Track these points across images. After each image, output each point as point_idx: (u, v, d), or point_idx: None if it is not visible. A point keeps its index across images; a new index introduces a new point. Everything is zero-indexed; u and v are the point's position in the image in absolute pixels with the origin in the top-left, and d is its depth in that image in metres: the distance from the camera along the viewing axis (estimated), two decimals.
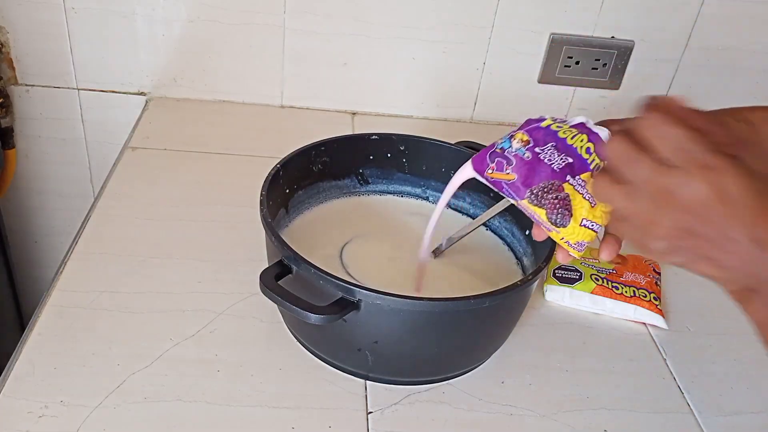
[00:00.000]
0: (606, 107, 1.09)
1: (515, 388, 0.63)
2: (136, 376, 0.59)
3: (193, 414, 0.56)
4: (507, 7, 0.99)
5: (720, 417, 0.63)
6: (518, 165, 0.52)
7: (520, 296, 0.62)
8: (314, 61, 1.02)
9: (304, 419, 0.57)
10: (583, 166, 0.50)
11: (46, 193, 1.13)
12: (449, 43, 1.02)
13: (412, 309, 0.55)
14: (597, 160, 0.50)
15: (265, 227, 0.60)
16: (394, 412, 0.59)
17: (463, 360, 0.63)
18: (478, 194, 0.77)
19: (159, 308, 0.66)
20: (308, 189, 0.75)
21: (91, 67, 1.00)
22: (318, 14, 0.98)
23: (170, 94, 1.04)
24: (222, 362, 0.61)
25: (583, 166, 0.50)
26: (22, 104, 1.03)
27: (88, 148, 1.08)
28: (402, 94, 1.06)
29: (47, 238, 1.18)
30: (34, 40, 0.98)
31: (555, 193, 0.51)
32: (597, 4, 1.00)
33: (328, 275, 0.54)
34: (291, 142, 0.73)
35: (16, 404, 0.55)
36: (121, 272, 0.70)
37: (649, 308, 0.72)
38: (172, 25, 0.98)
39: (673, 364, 0.69)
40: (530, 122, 0.53)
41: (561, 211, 0.50)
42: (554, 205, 0.51)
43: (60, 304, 0.65)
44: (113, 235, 0.75)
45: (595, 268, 0.75)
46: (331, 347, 0.62)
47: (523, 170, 0.51)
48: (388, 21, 0.99)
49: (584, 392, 0.64)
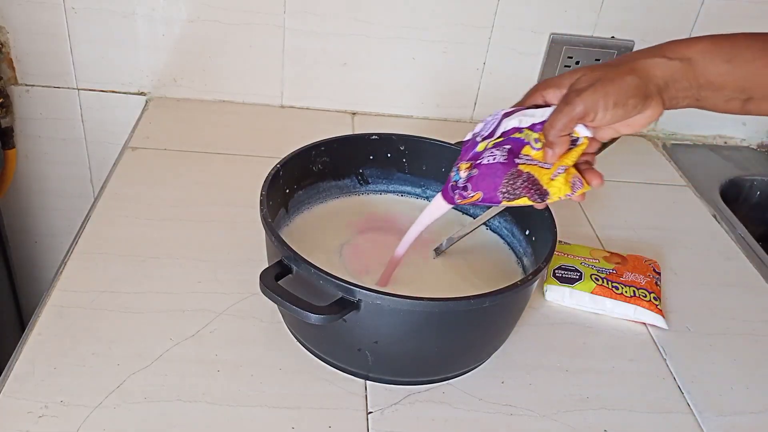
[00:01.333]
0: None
1: (515, 388, 0.63)
2: (136, 376, 0.59)
3: (193, 414, 0.56)
4: (507, 7, 0.99)
5: (720, 417, 0.63)
6: (476, 184, 0.57)
7: (520, 296, 0.62)
8: (314, 61, 1.02)
9: (304, 419, 0.57)
10: (520, 144, 0.56)
11: (46, 193, 1.13)
12: (449, 43, 1.02)
13: (412, 309, 0.55)
14: (529, 132, 0.56)
15: (265, 227, 0.60)
16: (394, 412, 0.59)
17: (463, 360, 0.63)
18: None
19: (159, 308, 0.66)
20: (308, 189, 0.75)
21: (91, 67, 1.00)
22: (318, 14, 0.98)
23: (170, 94, 1.04)
24: (222, 362, 0.61)
25: (520, 144, 0.56)
26: (22, 104, 1.03)
27: (88, 148, 1.08)
28: (402, 94, 1.06)
29: (47, 238, 1.18)
30: (34, 40, 0.98)
31: (520, 179, 0.56)
32: (597, 4, 1.00)
33: (328, 275, 0.54)
34: (291, 142, 0.73)
35: (16, 404, 0.55)
36: (121, 272, 0.70)
37: (649, 308, 0.72)
38: (172, 25, 0.98)
39: (673, 364, 0.69)
40: (466, 148, 0.59)
41: (535, 188, 0.56)
42: (527, 188, 0.56)
43: (60, 304, 0.65)
44: (113, 235, 0.75)
45: (595, 268, 0.75)
46: (331, 347, 0.62)
47: (482, 185, 0.57)
48: (388, 21, 0.99)
49: (584, 392, 0.64)
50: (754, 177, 1.10)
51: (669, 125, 1.14)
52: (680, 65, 0.53)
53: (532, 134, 0.56)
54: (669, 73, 0.53)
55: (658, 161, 1.08)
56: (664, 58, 0.53)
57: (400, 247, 0.66)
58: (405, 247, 0.65)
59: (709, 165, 1.10)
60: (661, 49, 0.54)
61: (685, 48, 0.53)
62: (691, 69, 0.53)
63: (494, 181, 0.56)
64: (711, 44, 0.53)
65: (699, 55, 0.53)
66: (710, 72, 0.53)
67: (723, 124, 1.15)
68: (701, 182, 1.03)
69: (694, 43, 0.54)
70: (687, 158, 1.10)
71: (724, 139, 1.17)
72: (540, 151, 0.55)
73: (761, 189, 1.10)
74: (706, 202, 0.98)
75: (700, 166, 1.08)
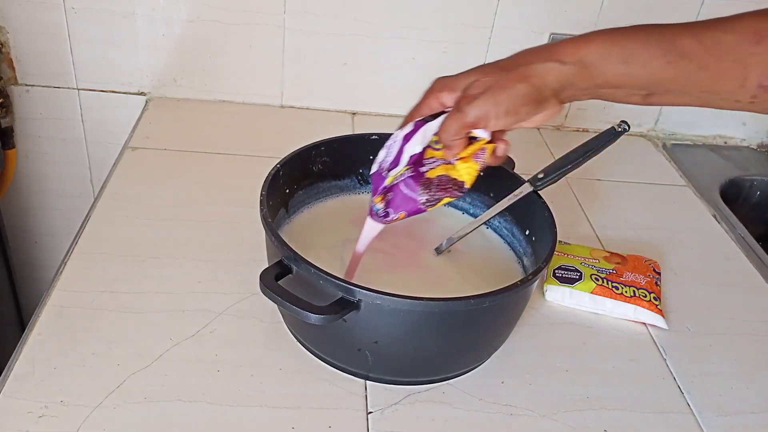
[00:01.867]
0: (606, 107, 1.09)
1: (515, 388, 0.63)
2: (136, 376, 0.59)
3: (193, 414, 0.56)
4: (507, 7, 0.99)
5: (720, 417, 0.63)
6: (396, 207, 0.59)
7: (520, 296, 0.62)
8: (314, 61, 1.02)
9: (304, 419, 0.57)
10: (419, 156, 0.58)
11: (46, 193, 1.13)
12: (449, 43, 1.02)
13: (412, 309, 0.55)
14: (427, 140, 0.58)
15: (265, 227, 0.60)
16: (394, 412, 0.59)
17: (463, 360, 0.63)
18: (478, 194, 0.77)
19: (159, 308, 0.66)
20: (308, 189, 0.75)
21: (91, 67, 1.00)
22: (318, 14, 0.98)
23: (170, 94, 1.04)
24: (222, 362, 0.61)
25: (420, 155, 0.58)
26: (22, 104, 1.03)
27: (88, 148, 1.08)
28: (402, 94, 1.05)
29: (47, 238, 1.18)
30: (34, 40, 0.98)
31: (432, 185, 0.58)
32: (597, 4, 1.00)
33: (328, 275, 0.54)
34: (291, 142, 0.73)
35: (16, 404, 0.55)
36: (121, 272, 0.70)
37: (649, 308, 0.72)
38: (172, 25, 0.98)
39: (673, 364, 0.69)
40: (376, 180, 0.60)
41: (450, 184, 0.58)
42: (443, 188, 0.58)
43: (60, 304, 0.65)
44: (113, 235, 0.75)
45: (595, 268, 0.75)
46: (331, 347, 0.62)
47: (402, 206, 0.59)
48: (388, 21, 1.00)
49: (584, 392, 0.64)
50: (754, 177, 1.10)
51: (669, 125, 1.14)
52: (575, 69, 0.52)
53: (432, 138, 0.58)
54: (563, 78, 0.53)
55: (658, 161, 1.08)
56: (557, 62, 0.52)
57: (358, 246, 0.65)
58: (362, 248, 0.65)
59: (709, 165, 1.10)
60: (556, 51, 0.53)
61: (580, 49, 0.52)
62: (586, 72, 0.52)
63: (411, 197, 0.58)
64: (607, 43, 0.52)
65: (594, 56, 0.52)
66: (607, 73, 0.52)
67: (723, 124, 1.15)
68: (701, 182, 1.03)
69: (589, 43, 0.52)
70: (687, 158, 1.10)
71: (724, 139, 1.17)
72: (441, 150, 0.57)
73: (761, 189, 1.10)
74: (706, 202, 0.98)
75: (700, 166, 1.08)
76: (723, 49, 0.49)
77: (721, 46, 0.49)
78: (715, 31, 0.50)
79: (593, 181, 0.98)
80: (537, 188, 0.69)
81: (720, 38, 0.49)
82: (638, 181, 1.01)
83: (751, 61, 0.49)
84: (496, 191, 0.74)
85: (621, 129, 0.68)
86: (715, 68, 0.49)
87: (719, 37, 0.49)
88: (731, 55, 0.49)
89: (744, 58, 0.49)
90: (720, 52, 0.49)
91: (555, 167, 0.69)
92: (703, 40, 0.50)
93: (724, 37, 0.49)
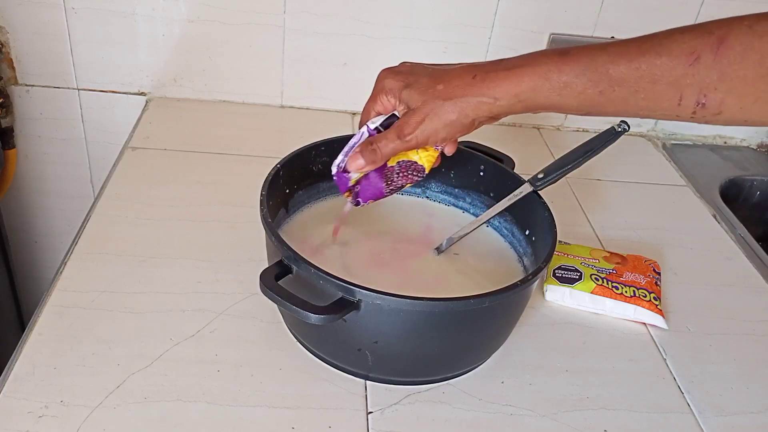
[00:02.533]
0: None
1: (515, 388, 0.63)
2: (136, 376, 0.59)
3: (193, 414, 0.56)
4: (507, 7, 0.99)
5: (720, 417, 0.63)
6: (364, 197, 0.65)
7: (520, 296, 0.62)
8: (314, 61, 1.02)
9: (304, 419, 0.57)
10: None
11: (46, 193, 1.13)
12: (449, 43, 1.02)
13: (412, 309, 0.55)
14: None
15: (265, 227, 0.60)
16: (394, 412, 0.59)
17: (463, 360, 0.63)
18: (478, 194, 0.77)
19: (159, 308, 0.66)
20: (308, 189, 0.75)
21: (91, 67, 1.00)
22: (318, 14, 0.98)
23: (170, 94, 1.04)
24: (222, 362, 0.61)
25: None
26: (22, 104, 1.03)
27: (88, 148, 1.08)
28: None
29: (47, 238, 1.18)
30: (34, 40, 0.98)
31: (394, 174, 0.64)
32: (597, 4, 1.00)
33: (328, 275, 0.54)
34: (291, 142, 0.73)
35: (16, 404, 0.55)
36: (121, 272, 0.70)
37: (649, 308, 0.72)
38: (172, 25, 0.98)
39: (673, 364, 0.69)
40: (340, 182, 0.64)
41: (411, 170, 0.64)
42: (405, 175, 0.64)
43: (60, 304, 0.65)
44: (113, 235, 0.75)
45: (595, 268, 0.75)
46: (331, 347, 0.62)
47: (369, 195, 0.65)
48: (388, 21, 1.00)
49: (584, 392, 0.64)
50: (754, 177, 1.10)
51: (669, 125, 1.14)
52: (509, 106, 0.56)
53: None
54: (497, 111, 0.57)
55: (658, 161, 1.09)
56: (492, 99, 0.56)
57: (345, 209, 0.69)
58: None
59: (709, 165, 1.10)
60: (491, 87, 0.56)
61: (514, 87, 0.55)
62: (521, 105, 0.56)
63: (377, 187, 0.64)
64: (540, 80, 0.54)
65: (528, 93, 0.55)
66: (541, 104, 0.55)
67: None
68: (701, 182, 1.03)
69: (520, 81, 0.55)
70: (687, 158, 1.10)
71: (724, 139, 1.17)
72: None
73: (761, 189, 1.10)
74: (706, 202, 0.98)
75: (700, 166, 1.08)
76: (657, 72, 0.50)
77: (656, 70, 0.50)
78: (649, 55, 0.50)
79: (593, 181, 0.99)
80: (537, 188, 0.69)
81: (653, 62, 0.50)
82: (638, 181, 1.01)
83: (687, 82, 0.49)
84: (496, 191, 0.74)
85: (621, 129, 0.68)
86: (651, 91, 0.51)
87: (653, 61, 0.50)
88: (666, 78, 0.50)
89: (679, 80, 0.49)
90: (654, 76, 0.50)
91: (555, 167, 0.69)
92: (639, 65, 0.50)
93: (658, 60, 0.50)
